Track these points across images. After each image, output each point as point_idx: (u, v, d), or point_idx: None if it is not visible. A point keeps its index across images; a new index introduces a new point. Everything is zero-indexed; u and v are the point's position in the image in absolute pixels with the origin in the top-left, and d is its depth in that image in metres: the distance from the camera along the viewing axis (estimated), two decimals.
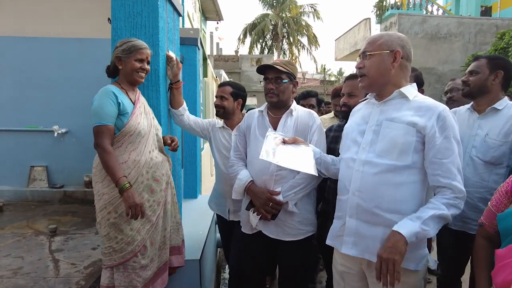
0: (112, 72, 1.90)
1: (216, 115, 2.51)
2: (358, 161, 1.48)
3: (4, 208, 3.52)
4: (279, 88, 1.93)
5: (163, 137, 2.07)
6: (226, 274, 3.92)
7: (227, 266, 3.95)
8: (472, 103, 2.10)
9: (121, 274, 1.76)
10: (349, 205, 1.48)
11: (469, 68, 2.03)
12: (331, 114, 3.25)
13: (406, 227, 1.31)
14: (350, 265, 1.54)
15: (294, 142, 1.76)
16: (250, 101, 18.22)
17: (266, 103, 2.06)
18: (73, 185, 4.00)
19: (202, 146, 4.31)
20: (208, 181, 5.27)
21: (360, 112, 1.62)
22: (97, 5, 3.63)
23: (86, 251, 2.51)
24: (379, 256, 1.32)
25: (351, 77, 2.04)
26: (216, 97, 2.49)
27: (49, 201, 3.88)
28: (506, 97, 2.00)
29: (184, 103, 2.41)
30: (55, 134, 3.90)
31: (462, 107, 2.14)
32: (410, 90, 1.50)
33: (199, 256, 2.34)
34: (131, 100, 1.86)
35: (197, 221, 3.04)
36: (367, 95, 1.62)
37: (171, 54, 2.28)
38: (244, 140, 2.08)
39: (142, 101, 1.93)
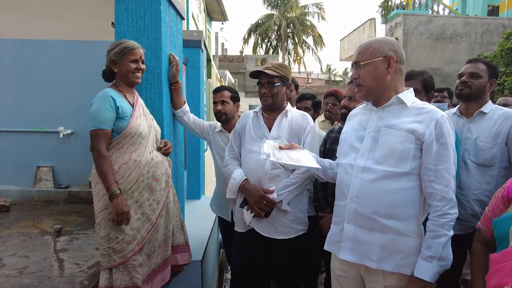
0: (108, 76, 1.93)
1: (218, 121, 2.51)
2: (356, 167, 1.48)
3: (11, 208, 3.58)
4: (272, 92, 1.98)
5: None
6: (228, 275, 3.95)
7: (229, 267, 3.99)
8: (457, 107, 2.12)
9: (121, 273, 1.78)
10: (347, 211, 1.49)
11: (469, 69, 2.02)
12: (322, 117, 3.24)
13: (427, 271, 1.35)
14: (348, 270, 1.54)
15: (290, 148, 1.78)
16: (256, 101, 18.26)
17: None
18: (78, 185, 4.06)
19: (205, 147, 4.34)
20: (211, 181, 5.30)
21: (358, 117, 1.62)
22: (101, 7, 3.68)
23: (90, 251, 2.55)
24: None
25: None
26: (215, 102, 2.49)
27: (54, 201, 3.93)
28: (490, 101, 2.06)
29: (186, 105, 2.44)
30: (61, 135, 3.95)
31: (447, 111, 2.16)
32: (408, 96, 1.49)
33: (200, 257, 2.37)
34: (130, 103, 1.89)
35: (199, 222, 3.07)
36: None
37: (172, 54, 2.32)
38: (239, 140, 2.12)
39: (140, 103, 1.95)
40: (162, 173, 1.96)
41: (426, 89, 1.98)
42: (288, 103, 2.10)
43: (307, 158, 1.70)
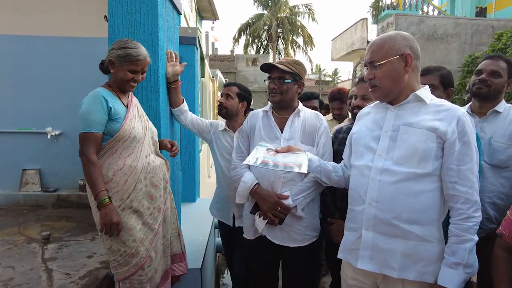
0: (106, 69, 1.80)
1: (218, 113, 2.42)
2: (374, 169, 1.39)
3: None
4: (282, 88, 1.87)
5: (162, 141, 1.98)
6: (225, 280, 3.84)
7: (226, 271, 3.87)
8: (469, 105, 2.05)
9: None
10: (366, 217, 1.40)
11: (490, 67, 1.92)
12: (330, 116, 3.17)
13: (452, 279, 1.26)
14: (364, 279, 1.46)
15: (288, 151, 1.67)
16: None
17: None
18: (67, 189, 3.87)
19: (200, 148, 4.21)
20: (205, 183, 5.17)
21: (370, 116, 1.53)
22: (93, 3, 3.52)
23: (82, 260, 2.40)
24: None
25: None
26: (221, 95, 2.41)
27: (42, 206, 3.74)
28: (504, 100, 1.98)
29: (184, 103, 2.33)
30: (49, 136, 3.76)
31: None
32: (426, 93, 1.43)
33: (200, 264, 2.25)
34: (123, 103, 1.76)
35: (196, 226, 2.95)
36: None
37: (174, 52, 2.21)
38: (247, 141, 2.01)
39: (135, 103, 1.83)
40: (161, 179, 1.84)
41: (445, 85, 1.87)
42: (300, 102, 1.99)
43: (297, 162, 1.58)
